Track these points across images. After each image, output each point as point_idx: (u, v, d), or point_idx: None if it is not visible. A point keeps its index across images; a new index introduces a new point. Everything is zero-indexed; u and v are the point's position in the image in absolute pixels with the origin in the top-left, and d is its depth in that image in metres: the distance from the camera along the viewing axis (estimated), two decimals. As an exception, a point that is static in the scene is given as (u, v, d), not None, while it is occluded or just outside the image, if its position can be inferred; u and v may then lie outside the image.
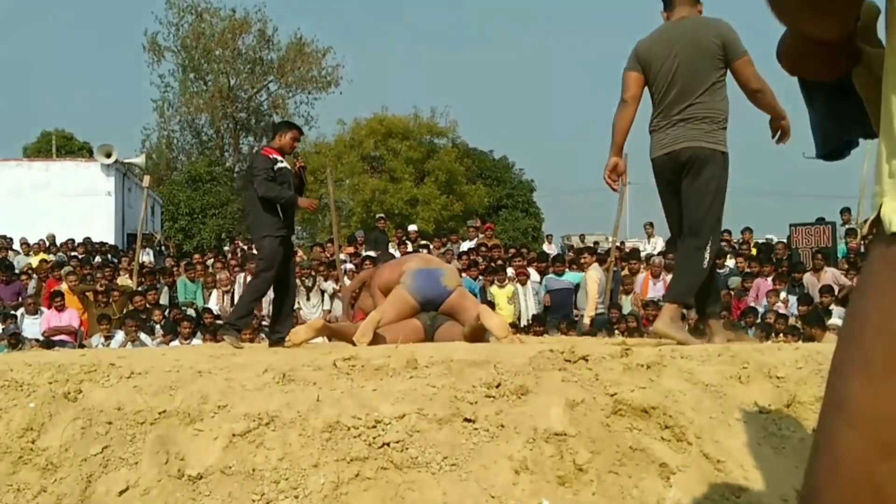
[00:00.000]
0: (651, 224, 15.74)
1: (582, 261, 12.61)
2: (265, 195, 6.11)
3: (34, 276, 13.28)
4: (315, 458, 3.05)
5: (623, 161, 4.77)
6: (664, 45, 4.53)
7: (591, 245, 16.77)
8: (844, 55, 1.33)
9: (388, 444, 3.08)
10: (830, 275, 11.05)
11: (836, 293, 10.45)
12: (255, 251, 7.12)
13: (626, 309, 11.22)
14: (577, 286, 11.87)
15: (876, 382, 1.03)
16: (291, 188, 6.26)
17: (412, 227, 16.99)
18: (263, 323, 11.33)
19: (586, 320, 10.94)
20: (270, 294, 12.04)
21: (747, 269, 11.55)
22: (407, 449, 3.07)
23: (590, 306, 11.08)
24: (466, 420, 3.18)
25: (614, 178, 4.79)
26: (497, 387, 3.34)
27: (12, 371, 3.61)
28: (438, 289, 5.55)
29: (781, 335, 8.67)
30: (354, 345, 4.89)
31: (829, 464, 1.08)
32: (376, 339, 5.03)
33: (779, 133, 4.51)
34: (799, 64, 1.49)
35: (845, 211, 14.43)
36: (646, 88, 4.67)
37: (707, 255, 4.48)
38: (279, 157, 6.31)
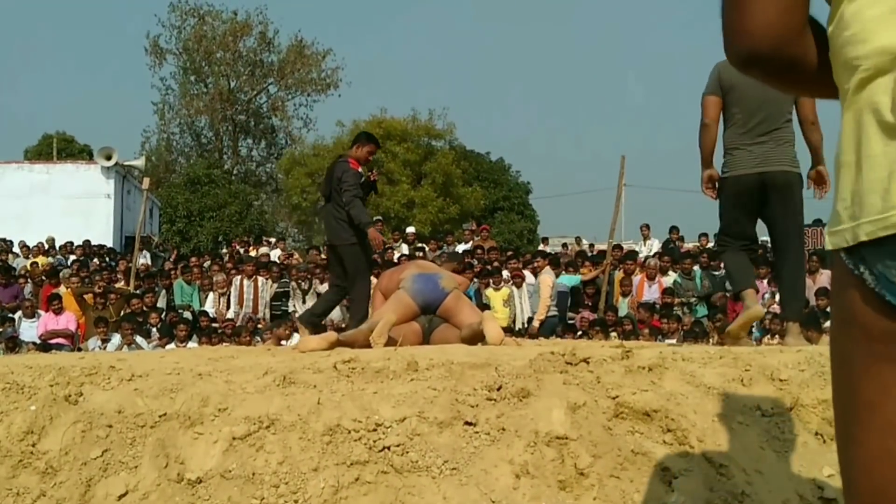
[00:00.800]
0: (647, 226, 15.73)
1: (578, 263, 12.61)
2: (352, 213, 6.46)
3: (29, 279, 13.27)
4: (315, 461, 3.03)
5: (715, 171, 5.17)
6: None
7: (583, 248, 16.72)
8: None
9: (388, 448, 3.07)
10: (826, 277, 11.07)
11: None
12: (325, 256, 7.31)
13: (623, 311, 11.22)
14: (573, 289, 11.84)
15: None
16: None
17: (410, 230, 16.96)
18: (259, 326, 11.33)
19: (535, 323, 10.93)
20: (267, 297, 12.12)
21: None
22: (407, 452, 3.06)
23: (540, 310, 11.09)
24: (467, 423, 3.17)
25: (710, 186, 5.18)
26: (498, 389, 3.33)
27: (13, 374, 3.60)
28: (437, 291, 5.65)
29: (777, 336, 8.66)
30: (370, 346, 4.93)
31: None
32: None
33: (814, 184, 5.06)
34: None
35: (840, 212, 14.43)
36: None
37: (806, 269, 5.11)
38: (359, 170, 6.66)
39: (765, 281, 11.12)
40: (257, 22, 33.63)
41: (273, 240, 17.29)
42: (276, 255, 15.63)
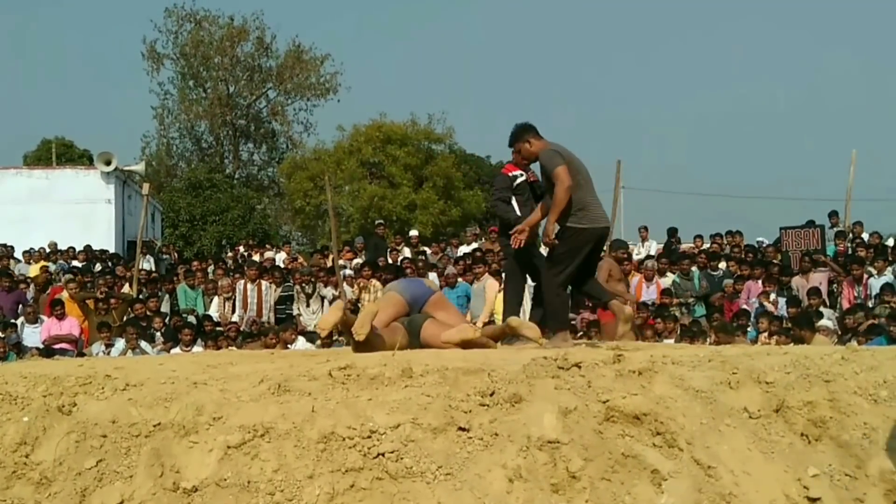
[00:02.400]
0: (645, 228, 15.77)
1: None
2: (497, 214, 7.04)
3: (32, 284, 13.29)
4: (310, 469, 3.07)
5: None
6: (569, 153, 5.86)
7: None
8: None
9: (382, 455, 3.11)
10: (818, 277, 11.16)
11: (823, 295, 10.53)
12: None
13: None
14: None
15: None
16: (531, 199, 6.77)
17: (413, 232, 16.94)
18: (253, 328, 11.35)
19: (479, 324, 10.94)
20: (271, 301, 12.15)
21: (738, 273, 11.60)
22: (402, 459, 3.10)
23: (484, 313, 11.14)
24: (461, 429, 3.20)
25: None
26: (491, 395, 3.36)
27: (7, 384, 3.62)
28: (423, 288, 6.00)
29: (775, 337, 8.70)
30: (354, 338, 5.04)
31: None
32: (373, 342, 5.11)
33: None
34: None
35: (833, 214, 14.51)
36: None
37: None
38: (518, 172, 6.81)
39: (759, 282, 11.17)
40: (254, 27, 33.71)
41: (272, 251, 17.21)
42: (280, 258, 15.66)
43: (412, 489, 3.03)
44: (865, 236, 14.04)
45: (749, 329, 9.64)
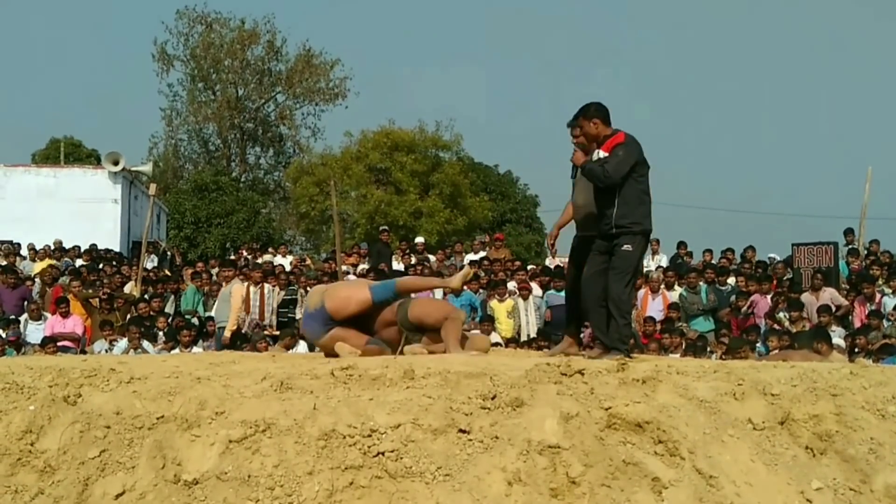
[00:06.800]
0: (657, 241, 15.73)
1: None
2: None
3: (38, 280, 13.30)
4: (310, 465, 3.08)
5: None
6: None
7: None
8: None
9: (382, 454, 3.11)
10: (828, 294, 11.09)
11: (833, 313, 10.46)
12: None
13: (629, 325, 11.22)
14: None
15: None
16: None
17: (419, 240, 16.92)
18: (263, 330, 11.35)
19: (227, 333, 10.97)
20: (274, 304, 12.15)
21: (743, 288, 11.55)
22: (401, 458, 3.10)
23: (231, 319, 11.15)
24: (461, 431, 3.20)
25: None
26: (492, 398, 3.36)
27: (13, 374, 3.65)
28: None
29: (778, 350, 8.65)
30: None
31: None
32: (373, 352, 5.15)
33: None
34: None
35: (849, 232, 14.44)
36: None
37: None
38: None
39: (768, 297, 11.12)
40: (265, 31, 33.76)
41: (271, 255, 17.17)
42: (287, 262, 15.64)
43: (411, 489, 3.04)
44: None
45: (758, 345, 9.57)
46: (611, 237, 5.25)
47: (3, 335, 10.73)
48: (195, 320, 11.70)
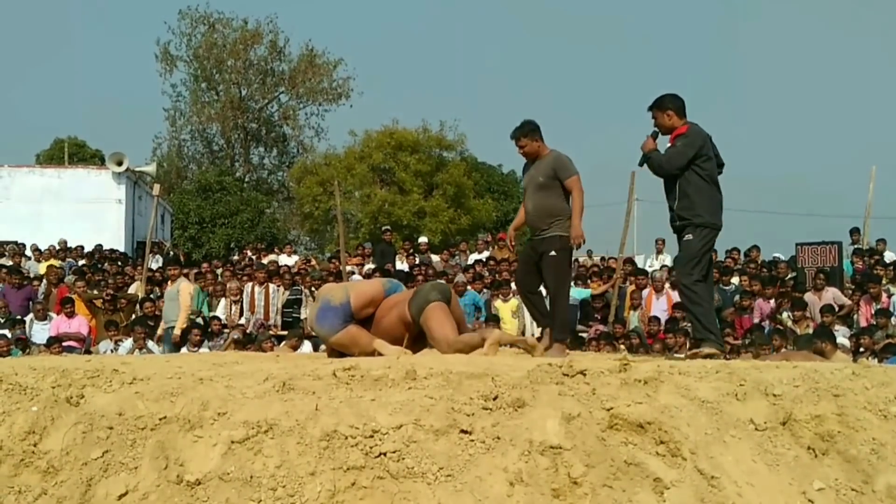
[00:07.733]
0: (662, 240, 15.73)
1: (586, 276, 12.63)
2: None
3: (44, 280, 13.34)
4: (312, 466, 3.08)
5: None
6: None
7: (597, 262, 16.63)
8: None
9: (384, 454, 3.11)
10: (831, 294, 11.09)
11: (836, 312, 10.45)
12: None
13: (633, 324, 11.25)
14: (582, 302, 11.86)
15: None
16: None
17: (423, 239, 16.94)
18: (269, 329, 11.37)
19: (177, 331, 10.97)
20: (279, 304, 12.17)
21: (746, 288, 11.54)
22: (403, 459, 3.10)
23: (181, 318, 11.15)
24: (463, 431, 3.21)
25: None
26: (494, 399, 3.37)
27: (17, 375, 3.67)
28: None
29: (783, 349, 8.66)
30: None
31: None
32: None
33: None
34: None
35: (855, 231, 14.39)
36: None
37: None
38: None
39: (771, 301, 11.11)
40: (268, 31, 33.84)
41: (276, 254, 17.19)
42: (291, 261, 15.67)
43: (413, 489, 3.04)
44: (891, 255, 13.90)
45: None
46: (679, 230, 5.23)
47: (9, 335, 10.76)
48: (200, 320, 11.74)
